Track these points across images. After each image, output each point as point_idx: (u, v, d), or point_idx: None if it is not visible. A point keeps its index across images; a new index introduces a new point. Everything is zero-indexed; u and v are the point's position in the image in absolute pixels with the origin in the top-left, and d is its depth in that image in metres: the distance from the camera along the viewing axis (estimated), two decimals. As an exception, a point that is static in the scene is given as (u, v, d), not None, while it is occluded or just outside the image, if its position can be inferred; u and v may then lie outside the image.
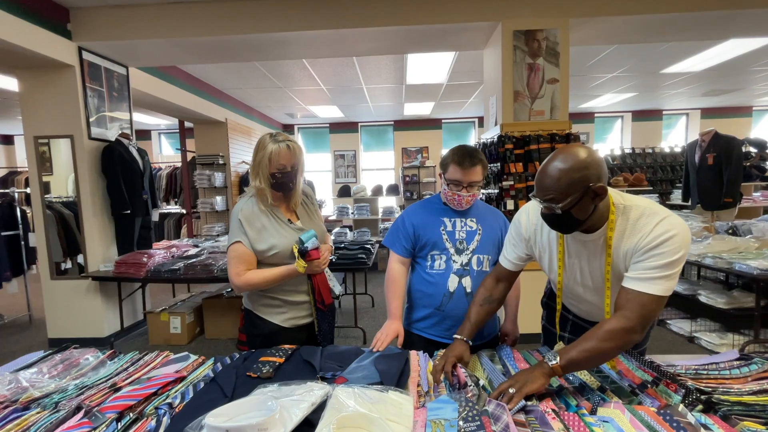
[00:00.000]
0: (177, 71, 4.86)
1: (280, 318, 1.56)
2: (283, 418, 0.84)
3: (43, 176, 3.43)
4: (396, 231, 1.64)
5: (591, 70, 5.41)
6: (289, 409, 0.88)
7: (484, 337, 1.61)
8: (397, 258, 1.62)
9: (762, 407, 0.93)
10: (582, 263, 1.22)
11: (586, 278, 1.23)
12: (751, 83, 6.41)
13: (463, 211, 1.60)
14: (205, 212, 6.11)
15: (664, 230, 1.04)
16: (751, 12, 3.10)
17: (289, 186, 1.52)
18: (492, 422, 0.88)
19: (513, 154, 3.09)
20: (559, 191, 1.03)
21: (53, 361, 1.31)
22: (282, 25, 3.20)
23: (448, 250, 1.56)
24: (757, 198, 5.89)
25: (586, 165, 1.02)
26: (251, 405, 0.91)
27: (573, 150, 1.06)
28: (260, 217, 1.52)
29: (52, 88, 3.28)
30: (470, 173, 1.49)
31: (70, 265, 3.60)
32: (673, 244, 1.03)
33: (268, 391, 1.00)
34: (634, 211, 1.10)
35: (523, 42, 3.12)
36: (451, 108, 7.70)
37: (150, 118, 7.10)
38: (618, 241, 1.11)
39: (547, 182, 1.05)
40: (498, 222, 1.64)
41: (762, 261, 2.62)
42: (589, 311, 1.33)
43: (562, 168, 1.03)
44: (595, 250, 1.17)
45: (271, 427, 0.80)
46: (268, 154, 1.45)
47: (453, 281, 1.54)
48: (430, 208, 1.64)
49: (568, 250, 1.23)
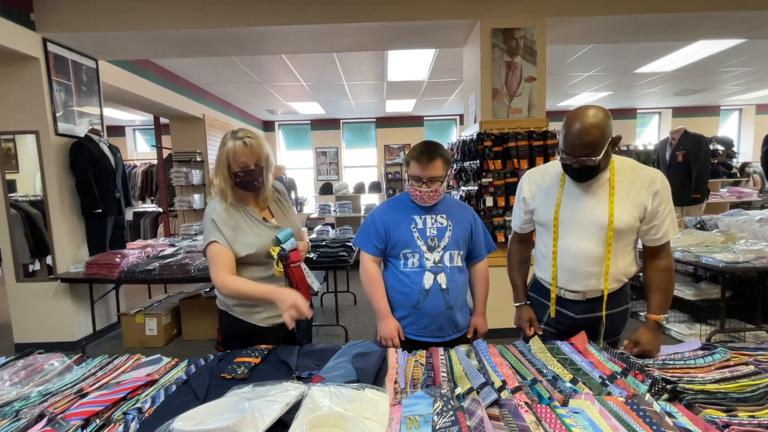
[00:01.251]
0: (151, 65, 4.71)
1: (257, 318, 1.52)
2: (254, 420, 0.82)
3: (8, 174, 3.27)
4: (367, 230, 1.63)
5: (568, 69, 5.53)
6: (261, 410, 0.87)
7: (460, 331, 1.62)
8: (369, 257, 1.62)
9: (724, 395, 0.97)
10: (582, 202, 1.36)
11: (582, 219, 1.36)
12: (719, 83, 6.68)
13: (432, 207, 1.60)
14: (183, 211, 5.97)
15: (660, 177, 1.32)
16: (719, 14, 3.22)
17: (254, 185, 1.46)
18: (467, 417, 0.88)
19: (492, 151, 3.12)
20: (597, 146, 1.22)
21: (15, 368, 1.25)
22: (261, 19, 3.14)
23: (420, 248, 1.55)
24: (724, 194, 6.16)
25: (608, 118, 1.24)
26: (223, 407, 0.89)
27: (594, 109, 1.24)
28: (234, 216, 1.46)
29: (15, 81, 3.12)
30: (429, 168, 1.50)
31: (38, 266, 3.45)
32: (668, 187, 1.32)
33: (242, 393, 0.98)
34: (628, 160, 1.37)
35: (501, 40, 3.15)
36: (433, 105, 7.74)
37: (123, 113, 6.86)
38: (621, 181, 1.33)
39: (588, 139, 1.22)
40: (467, 216, 1.65)
41: (727, 254, 2.73)
42: (574, 268, 1.39)
43: (597, 125, 1.22)
44: (597, 188, 1.35)
45: (242, 429, 0.79)
46: (226, 153, 1.41)
47: (428, 279, 1.54)
48: (400, 206, 1.63)
49: (570, 194, 1.39)
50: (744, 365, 1.09)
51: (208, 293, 3.82)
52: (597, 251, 1.35)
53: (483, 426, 0.85)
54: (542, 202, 1.44)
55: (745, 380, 1.02)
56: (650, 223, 1.33)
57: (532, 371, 1.13)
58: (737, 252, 2.73)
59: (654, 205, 1.30)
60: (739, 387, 1.00)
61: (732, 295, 3.02)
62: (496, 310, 3.32)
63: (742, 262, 2.66)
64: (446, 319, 1.56)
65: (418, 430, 0.85)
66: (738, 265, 2.65)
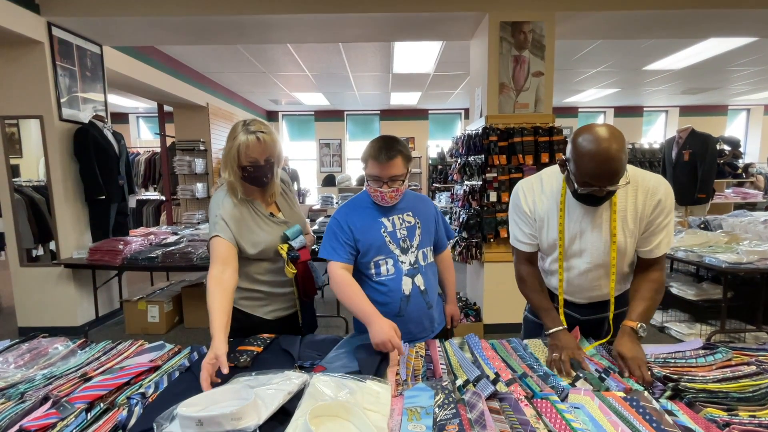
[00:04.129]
0: (155, 52, 4.68)
1: (263, 311, 1.51)
2: (257, 407, 0.83)
3: (12, 159, 3.27)
4: (334, 237, 1.44)
5: (575, 64, 5.47)
6: (264, 398, 0.87)
7: (440, 323, 1.59)
8: (339, 265, 1.41)
9: (725, 394, 0.97)
10: (584, 225, 1.28)
11: (586, 243, 1.29)
12: (728, 83, 6.60)
13: (395, 206, 1.49)
14: (185, 199, 5.97)
15: (663, 188, 1.23)
16: (730, 12, 3.17)
17: (262, 181, 1.41)
18: (467, 409, 0.89)
19: (497, 146, 3.10)
20: (623, 169, 1.12)
21: (20, 351, 1.26)
22: (266, 7, 3.10)
23: (393, 252, 1.44)
24: (729, 194, 6.13)
25: (624, 138, 1.13)
26: (226, 394, 0.89)
27: (610, 130, 1.11)
28: (241, 212, 1.42)
29: (19, 65, 3.10)
30: (388, 167, 1.36)
31: (41, 251, 3.46)
32: (671, 199, 1.23)
33: (245, 380, 0.99)
34: (629, 170, 1.22)
35: (509, 34, 3.11)
36: (438, 99, 7.68)
37: (127, 100, 6.84)
38: (623, 199, 1.24)
39: (615, 166, 1.09)
40: (430, 210, 1.57)
41: (730, 255, 2.72)
42: (580, 284, 1.36)
43: (621, 149, 1.09)
44: (599, 210, 1.26)
45: (245, 417, 0.79)
46: (237, 146, 1.34)
47: (407, 284, 1.44)
48: (363, 207, 1.49)
49: (570, 216, 1.29)
50: (746, 365, 1.09)
51: (210, 282, 3.83)
52: (602, 270, 1.31)
53: (484, 419, 0.85)
54: (543, 225, 1.34)
55: (746, 380, 1.02)
56: (644, 234, 1.26)
57: (522, 366, 1.14)
58: (741, 253, 2.72)
59: (652, 217, 1.23)
60: (741, 387, 1.00)
61: (734, 296, 3.01)
62: (494, 306, 3.35)
63: (746, 263, 2.65)
64: (428, 318, 1.50)
65: (420, 422, 0.85)
66: (741, 266, 2.64)
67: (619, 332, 1.20)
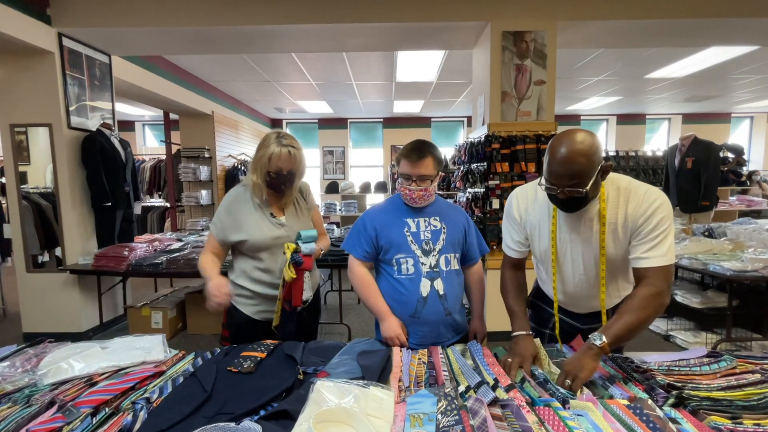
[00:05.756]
0: (162, 61, 4.76)
1: (250, 310, 1.59)
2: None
3: (20, 166, 3.31)
4: (357, 234, 1.55)
5: (577, 72, 5.50)
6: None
7: (459, 333, 1.58)
8: (357, 262, 1.54)
9: (729, 402, 0.97)
10: (573, 236, 1.26)
11: (576, 253, 1.27)
12: (731, 90, 6.60)
13: (424, 209, 1.54)
14: (190, 206, 6.00)
15: (654, 198, 1.15)
16: (732, 20, 3.19)
17: (281, 188, 1.55)
18: (470, 416, 0.89)
19: (499, 153, 3.12)
20: (584, 176, 1.09)
21: (26, 355, 1.27)
22: (271, 18, 3.16)
23: (414, 252, 1.48)
24: (733, 202, 6.09)
25: (597, 145, 1.11)
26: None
27: (580, 134, 1.11)
28: (243, 204, 1.56)
29: (30, 74, 3.17)
30: (418, 166, 1.44)
31: (47, 257, 3.49)
32: (664, 210, 1.14)
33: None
34: (622, 181, 1.21)
35: (511, 43, 3.15)
36: (441, 107, 7.73)
37: (134, 108, 6.93)
38: (613, 211, 1.20)
39: (571, 169, 1.08)
40: (460, 218, 1.59)
41: (735, 263, 2.70)
42: (576, 294, 1.35)
43: (582, 152, 1.08)
44: (589, 221, 1.23)
45: None
46: (268, 155, 1.48)
47: (425, 285, 1.47)
48: (392, 208, 1.57)
49: (560, 225, 1.27)
50: (750, 374, 1.09)
51: (214, 288, 3.84)
52: (594, 282, 1.29)
53: (486, 425, 0.85)
54: (534, 234, 1.35)
55: (751, 388, 1.02)
56: (631, 243, 1.20)
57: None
58: (745, 261, 2.70)
59: (640, 226, 1.17)
60: (745, 395, 0.99)
61: (739, 304, 2.99)
62: (497, 312, 3.33)
63: (751, 271, 2.63)
64: (445, 325, 1.50)
65: (422, 428, 0.86)
66: (746, 273, 2.62)
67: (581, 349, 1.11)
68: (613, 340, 1.07)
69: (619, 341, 1.10)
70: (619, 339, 1.09)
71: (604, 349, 1.07)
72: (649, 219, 1.14)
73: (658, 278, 1.13)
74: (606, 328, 1.10)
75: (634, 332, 1.11)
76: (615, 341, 1.08)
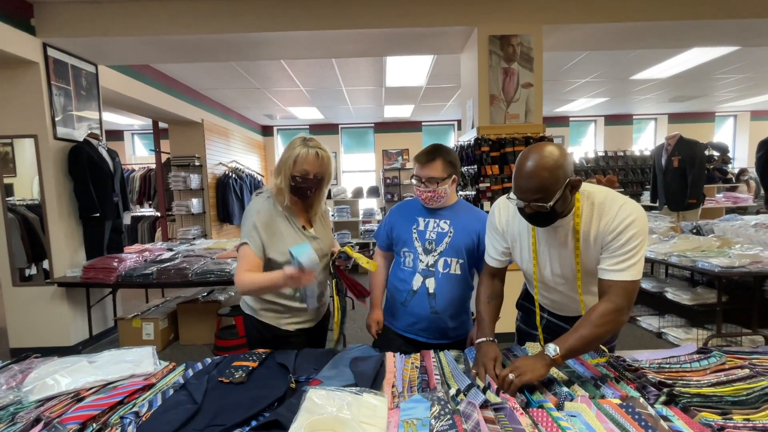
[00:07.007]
0: (150, 70, 4.72)
1: (283, 322, 1.52)
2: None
3: (6, 178, 3.26)
4: (381, 226, 1.77)
5: (564, 75, 5.57)
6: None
7: (450, 338, 1.60)
8: (378, 251, 1.78)
9: (719, 398, 0.98)
10: (551, 251, 1.26)
11: (555, 266, 1.28)
12: (714, 90, 6.74)
13: (438, 211, 1.61)
14: (181, 215, 5.95)
15: (628, 213, 1.12)
16: (713, 22, 3.26)
17: (306, 193, 1.46)
18: (463, 420, 0.89)
19: (489, 156, 3.14)
20: (548, 190, 1.06)
21: (11, 372, 1.24)
22: (259, 25, 3.16)
23: (416, 249, 1.59)
24: (720, 199, 6.21)
25: (563, 160, 1.08)
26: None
27: (547, 148, 1.09)
28: (278, 221, 1.45)
29: (14, 85, 3.12)
30: (426, 169, 1.53)
31: (34, 270, 3.43)
32: (636, 226, 1.11)
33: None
34: (597, 195, 1.19)
35: (498, 47, 3.18)
36: (431, 111, 7.78)
37: (122, 118, 6.87)
38: (586, 226, 1.18)
39: (534, 183, 1.07)
40: (475, 226, 1.58)
41: (723, 259, 2.74)
42: (561, 302, 1.37)
43: (546, 167, 1.06)
44: (564, 236, 1.22)
45: None
46: (294, 156, 1.41)
47: (417, 280, 1.58)
48: (411, 206, 1.69)
49: (539, 239, 1.28)
50: (739, 369, 1.10)
51: (206, 298, 3.80)
52: (573, 293, 1.30)
53: (479, 429, 0.85)
54: (515, 245, 1.35)
55: (740, 384, 1.03)
56: (602, 254, 1.17)
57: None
58: (733, 257, 2.75)
59: (608, 238, 1.14)
60: (735, 390, 1.00)
61: (728, 300, 3.03)
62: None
63: (738, 266, 2.67)
64: (431, 322, 1.57)
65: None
66: (734, 269, 2.66)
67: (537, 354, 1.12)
68: (567, 353, 1.07)
69: (573, 354, 1.09)
70: (574, 352, 1.09)
71: (557, 362, 1.07)
72: (619, 235, 1.12)
73: (619, 295, 1.11)
74: (562, 340, 1.09)
75: (589, 347, 1.12)
76: (569, 354, 1.08)
